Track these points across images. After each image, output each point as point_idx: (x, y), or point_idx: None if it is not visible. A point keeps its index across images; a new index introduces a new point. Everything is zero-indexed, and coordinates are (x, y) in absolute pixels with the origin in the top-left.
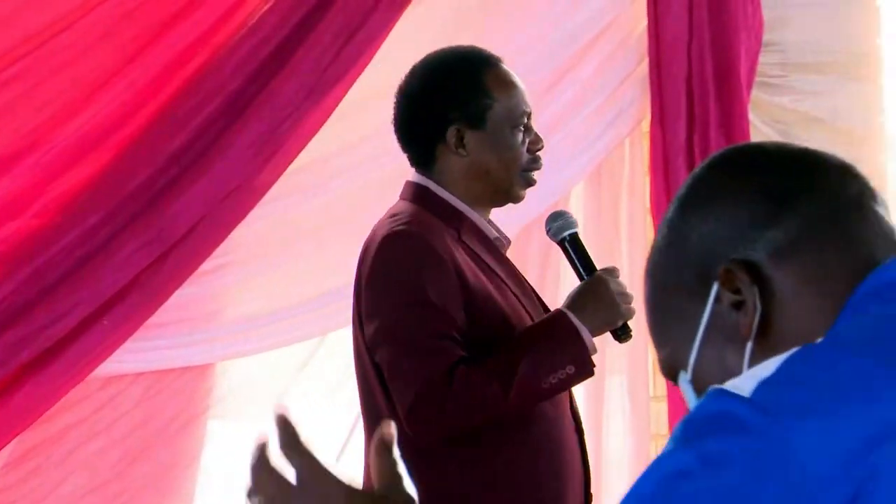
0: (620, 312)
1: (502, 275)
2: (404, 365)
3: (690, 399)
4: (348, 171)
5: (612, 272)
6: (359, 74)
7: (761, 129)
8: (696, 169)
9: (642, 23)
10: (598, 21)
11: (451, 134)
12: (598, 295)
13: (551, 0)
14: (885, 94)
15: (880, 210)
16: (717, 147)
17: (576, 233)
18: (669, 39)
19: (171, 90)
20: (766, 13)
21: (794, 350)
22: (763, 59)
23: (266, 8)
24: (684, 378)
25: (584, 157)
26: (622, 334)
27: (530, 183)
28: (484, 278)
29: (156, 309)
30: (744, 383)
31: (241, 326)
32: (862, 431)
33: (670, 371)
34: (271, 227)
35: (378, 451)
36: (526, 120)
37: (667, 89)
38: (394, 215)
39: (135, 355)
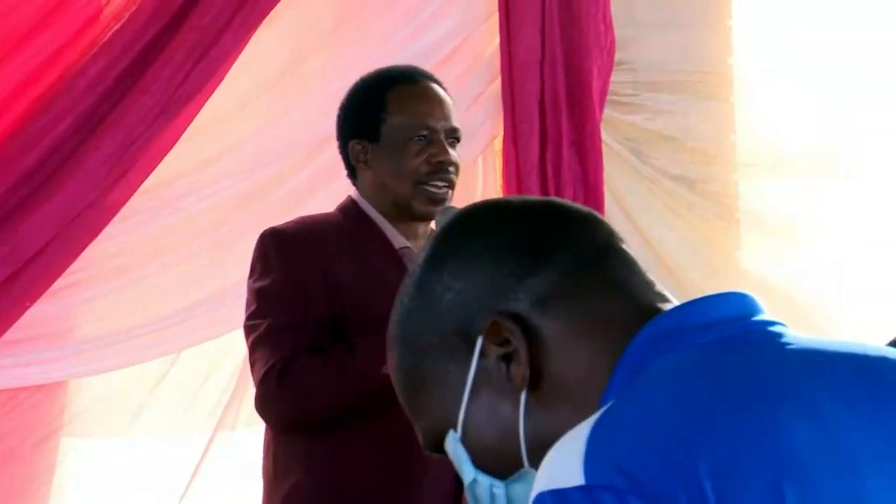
0: None
1: (396, 282)
2: (253, 354)
3: (463, 459)
4: (200, 189)
5: None
6: (210, 93)
7: (613, 148)
8: (439, 229)
9: (495, 41)
10: (451, 40)
11: (353, 149)
12: None
13: (404, 19)
14: (737, 112)
15: (629, 251)
16: (569, 165)
17: None
18: (522, 58)
19: (22, 108)
20: (618, 32)
21: (593, 418)
22: (615, 77)
23: (117, 27)
24: (454, 437)
25: None
26: None
27: (433, 197)
28: (366, 281)
29: (8, 327)
30: (567, 472)
31: (95, 344)
32: (691, 492)
33: (434, 439)
34: (124, 245)
35: None
36: (427, 133)
37: (519, 108)
38: None
39: None
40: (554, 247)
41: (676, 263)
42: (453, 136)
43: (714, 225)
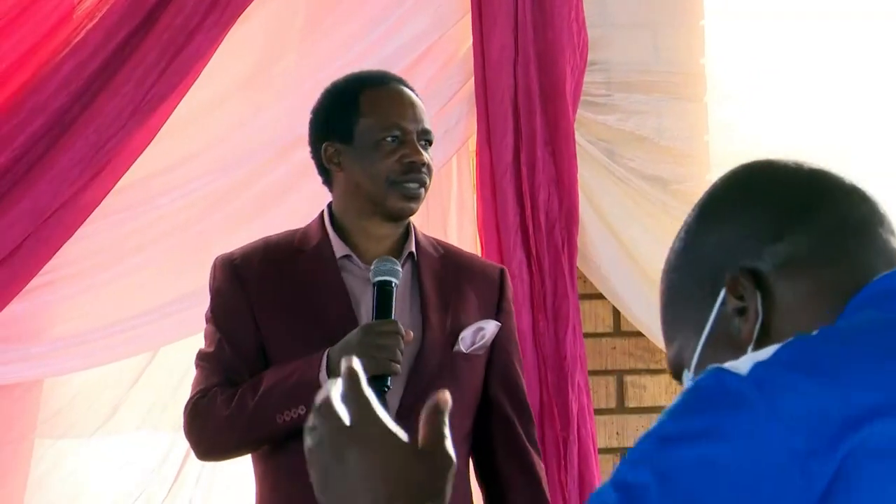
0: (372, 363)
1: (327, 296)
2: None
3: None
4: (175, 189)
5: (378, 326)
6: (185, 93)
7: (586, 148)
8: (720, 178)
9: (468, 41)
10: (424, 40)
11: (326, 151)
12: (350, 341)
13: (376, 19)
14: (710, 113)
15: (885, 235)
16: (544, 165)
17: (384, 282)
18: (495, 58)
19: None
20: (591, 32)
21: (790, 339)
22: (588, 77)
23: (90, 25)
24: (687, 377)
25: None
26: (377, 387)
27: (408, 195)
28: (296, 312)
29: None
30: (742, 364)
31: (70, 343)
32: (846, 411)
33: (676, 368)
34: (99, 244)
35: (430, 412)
36: (399, 133)
37: (493, 107)
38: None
39: None
40: (805, 215)
41: (650, 264)
42: (425, 138)
43: None
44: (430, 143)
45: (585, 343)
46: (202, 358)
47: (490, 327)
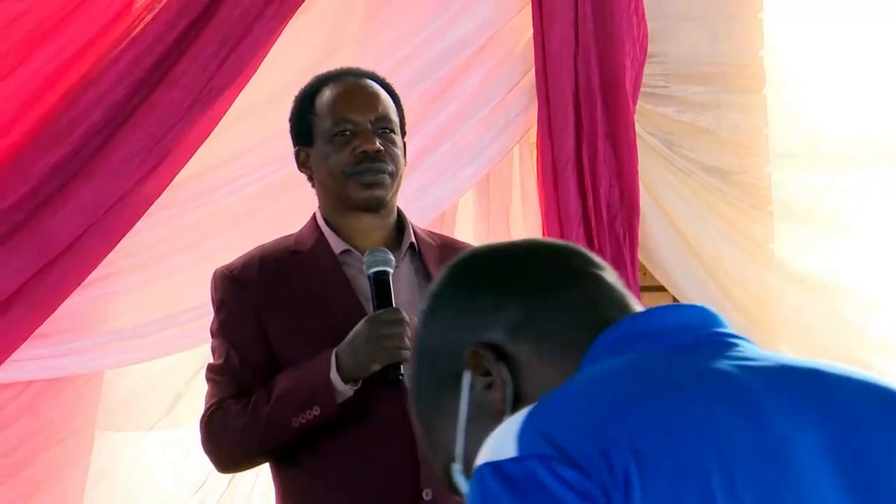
0: (382, 353)
1: (332, 292)
2: None
3: (464, 487)
4: (233, 181)
5: (381, 316)
6: (244, 84)
7: (646, 140)
8: (436, 278)
9: (527, 33)
10: (484, 31)
11: (297, 156)
12: (358, 335)
13: (437, 10)
14: (769, 104)
15: (608, 278)
16: (605, 157)
17: (380, 272)
18: (555, 49)
19: (53, 101)
20: (650, 24)
21: (532, 406)
22: (647, 69)
23: (149, 18)
24: (456, 470)
25: (471, 167)
26: (388, 375)
27: (365, 183)
28: (300, 316)
29: (43, 319)
30: (501, 445)
31: (129, 335)
32: (604, 444)
33: (444, 468)
34: (157, 237)
35: None
36: (351, 127)
37: (554, 100)
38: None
39: (21, 364)
40: (518, 280)
41: (710, 255)
42: (384, 126)
43: (748, 216)
44: (390, 129)
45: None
46: (213, 371)
47: None
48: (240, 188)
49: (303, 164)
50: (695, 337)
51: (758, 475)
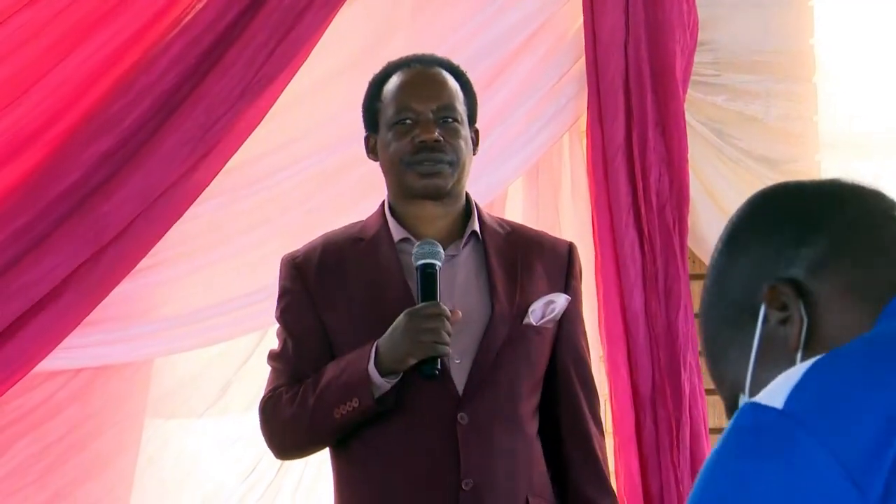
0: (418, 347)
1: (385, 279)
2: None
3: None
4: (284, 169)
5: (421, 310)
6: (293, 73)
7: (696, 128)
8: (735, 212)
9: (578, 20)
10: (534, 19)
11: (366, 142)
12: (396, 328)
13: None
14: (819, 93)
15: None
16: (654, 146)
17: (427, 264)
18: (606, 37)
19: (103, 89)
20: (700, 12)
21: (820, 356)
22: (696, 58)
23: (200, 6)
24: (744, 401)
25: (521, 155)
26: (424, 370)
27: (423, 173)
28: (358, 304)
29: (92, 308)
30: (775, 393)
31: (178, 323)
32: (879, 433)
33: (731, 399)
34: (208, 224)
35: None
36: (412, 115)
37: (604, 88)
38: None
39: (71, 352)
40: (828, 216)
41: None
42: (446, 115)
43: None
44: (453, 119)
45: (696, 323)
46: (272, 358)
47: (560, 301)
48: (290, 176)
49: (371, 151)
50: None
51: None
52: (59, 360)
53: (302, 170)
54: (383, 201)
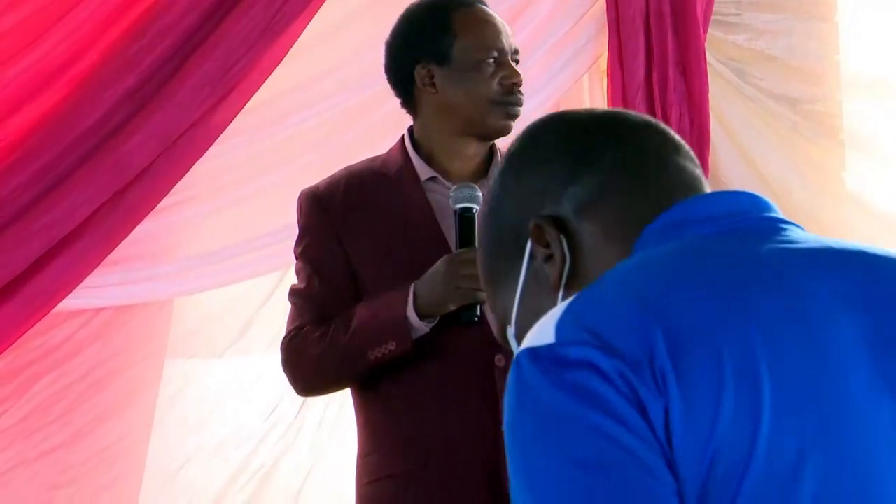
0: (457, 294)
1: (415, 218)
2: None
3: (515, 348)
4: (305, 108)
5: (461, 255)
6: (314, 13)
7: (716, 68)
8: (514, 138)
9: None
10: None
11: (419, 73)
12: (435, 273)
13: None
14: (841, 32)
15: (683, 162)
16: (675, 85)
17: (466, 208)
18: None
19: (122, 30)
20: None
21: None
22: None
23: None
24: (509, 332)
25: (541, 94)
26: (463, 316)
27: (510, 114)
28: (384, 237)
29: (114, 247)
30: (543, 332)
31: (200, 262)
32: (640, 347)
33: (501, 326)
34: (229, 164)
35: None
36: (497, 55)
37: (625, 28)
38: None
39: (93, 291)
40: (597, 155)
41: (780, 184)
42: (517, 58)
43: (818, 145)
44: (518, 62)
45: None
46: (294, 295)
47: None
48: (312, 115)
49: (423, 82)
50: (743, 222)
51: (797, 359)
52: (80, 299)
53: (323, 110)
54: (401, 138)
